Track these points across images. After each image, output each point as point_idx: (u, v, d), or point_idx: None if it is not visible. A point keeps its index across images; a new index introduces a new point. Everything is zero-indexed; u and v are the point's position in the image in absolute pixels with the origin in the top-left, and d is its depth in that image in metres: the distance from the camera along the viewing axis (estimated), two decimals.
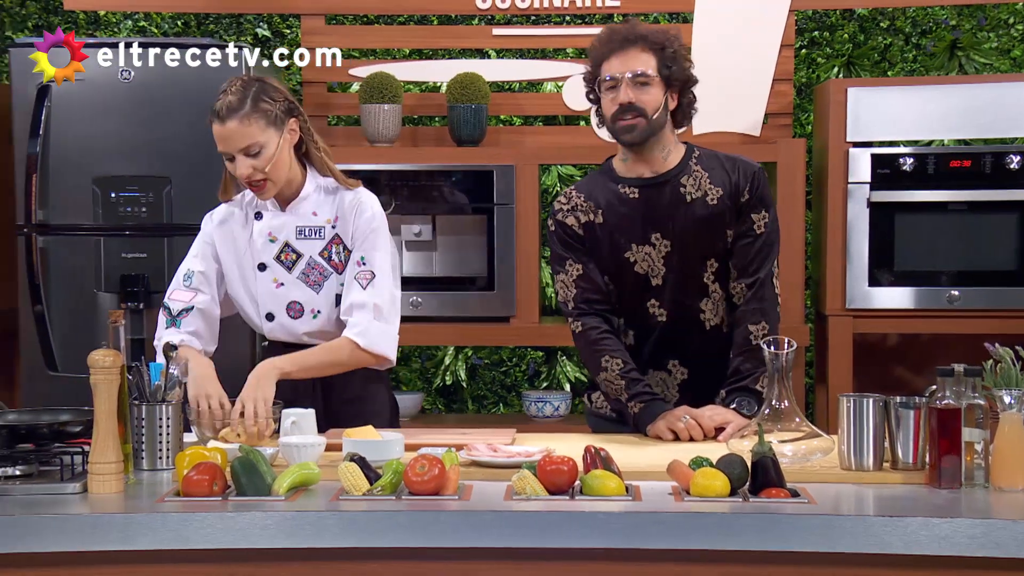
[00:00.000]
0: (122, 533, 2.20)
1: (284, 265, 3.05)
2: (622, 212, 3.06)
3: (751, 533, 2.17)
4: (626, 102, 2.97)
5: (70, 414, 2.62)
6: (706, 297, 3.08)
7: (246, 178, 2.95)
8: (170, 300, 3.08)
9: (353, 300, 2.99)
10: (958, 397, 2.39)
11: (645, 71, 2.97)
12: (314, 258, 3.05)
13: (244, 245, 3.08)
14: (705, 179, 3.07)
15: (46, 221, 4.30)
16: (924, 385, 2.52)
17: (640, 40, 2.98)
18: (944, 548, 2.14)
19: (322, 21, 4.66)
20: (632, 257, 3.06)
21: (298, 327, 3.06)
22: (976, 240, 4.32)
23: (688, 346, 3.09)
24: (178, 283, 3.10)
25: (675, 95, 3.03)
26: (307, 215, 3.05)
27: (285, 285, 3.05)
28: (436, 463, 2.32)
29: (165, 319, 3.07)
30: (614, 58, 2.99)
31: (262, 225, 3.07)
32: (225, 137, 2.93)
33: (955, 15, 4.98)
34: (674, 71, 2.99)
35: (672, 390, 3.10)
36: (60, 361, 4.28)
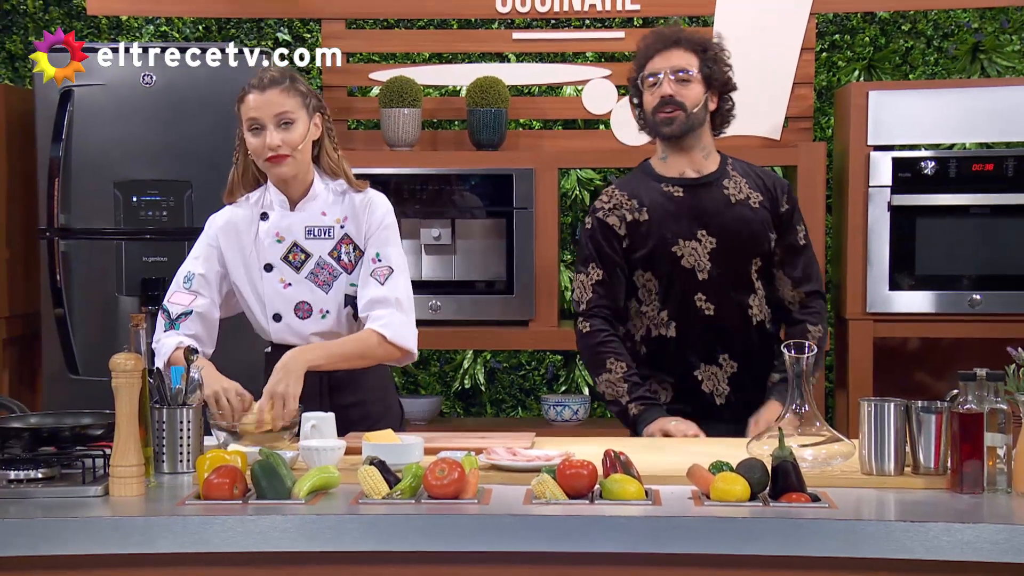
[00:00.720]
0: (143, 536, 2.21)
1: (292, 265, 3.03)
2: (668, 209, 3.17)
3: (771, 538, 2.16)
4: (667, 95, 3.12)
5: (91, 417, 2.63)
6: (752, 293, 3.19)
7: (274, 148, 2.93)
8: (169, 303, 3.05)
9: (373, 296, 2.99)
10: (980, 401, 2.38)
11: (687, 68, 3.13)
12: (323, 258, 3.04)
13: (250, 246, 3.06)
14: (744, 184, 3.21)
15: (68, 225, 4.32)
16: (945, 389, 2.51)
17: (683, 41, 3.16)
18: (967, 554, 2.12)
19: (342, 25, 4.67)
20: (679, 251, 3.15)
21: (306, 328, 3.05)
22: (998, 244, 4.29)
23: (736, 340, 3.18)
24: (178, 285, 3.07)
25: (715, 97, 3.18)
26: (316, 215, 3.04)
27: (293, 285, 3.03)
28: (456, 467, 2.32)
29: (164, 322, 3.04)
30: (657, 57, 3.16)
31: (268, 225, 3.05)
32: (262, 104, 2.92)
33: (977, 18, 4.96)
34: (714, 71, 3.15)
35: (723, 383, 3.18)
36: (82, 364, 4.31)
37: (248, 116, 2.95)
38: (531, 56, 4.85)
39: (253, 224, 3.06)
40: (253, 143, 2.96)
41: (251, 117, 2.94)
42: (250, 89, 2.96)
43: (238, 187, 3.10)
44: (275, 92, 2.93)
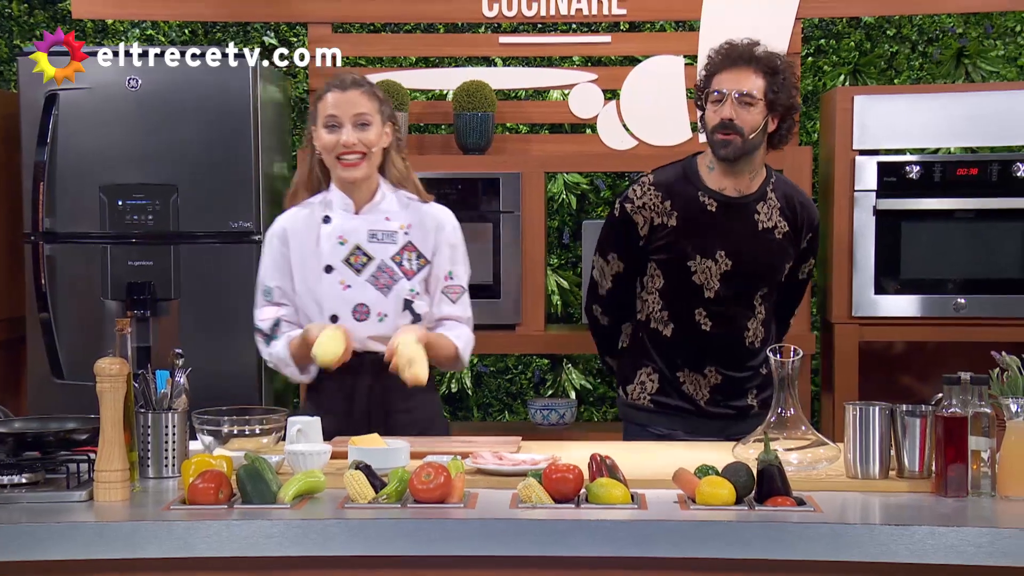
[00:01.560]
0: (128, 541, 2.20)
1: (353, 267, 3.05)
2: (697, 223, 3.18)
3: (757, 542, 2.17)
4: (728, 118, 3.11)
5: (76, 422, 2.62)
6: (752, 317, 3.23)
7: (350, 146, 2.99)
8: (259, 321, 3.12)
9: (447, 313, 3.12)
10: (964, 405, 2.39)
11: (751, 91, 3.11)
12: (385, 262, 3.07)
13: (310, 248, 3.08)
14: (777, 210, 3.23)
15: (53, 229, 4.31)
16: (930, 393, 2.52)
17: (753, 61, 3.13)
18: (951, 557, 2.13)
19: (329, 29, 4.67)
20: (694, 267, 3.18)
21: (363, 329, 3.05)
22: (982, 248, 4.31)
23: (727, 357, 3.23)
24: (259, 301, 3.14)
25: (776, 119, 3.16)
26: (380, 220, 3.08)
27: (352, 287, 3.05)
28: (442, 471, 2.32)
29: (263, 340, 3.11)
30: (726, 73, 3.14)
31: (331, 228, 3.08)
32: (343, 102, 2.99)
33: (962, 23, 4.98)
34: (780, 97, 3.13)
35: (704, 390, 3.24)
36: (67, 369, 4.29)
37: (327, 113, 3.01)
38: (518, 60, 4.86)
39: (314, 227, 3.09)
40: (328, 139, 3.01)
41: (330, 114, 3.00)
42: (331, 88, 3.03)
43: (302, 189, 3.14)
44: (356, 93, 3.02)
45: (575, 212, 5.03)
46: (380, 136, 3.04)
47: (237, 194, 4.30)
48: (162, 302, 4.27)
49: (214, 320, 4.30)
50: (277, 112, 4.65)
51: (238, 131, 4.28)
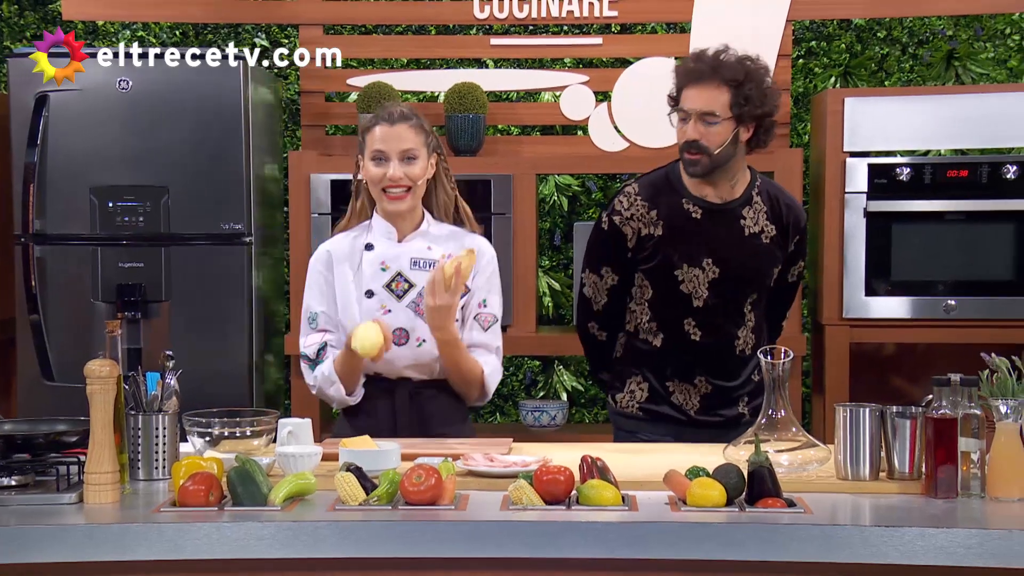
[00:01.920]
0: (118, 543, 2.20)
1: (394, 294, 3.08)
2: (682, 231, 3.14)
3: (748, 543, 2.17)
4: (691, 139, 3.06)
5: (66, 424, 2.62)
6: (743, 325, 3.19)
7: (396, 180, 3.02)
8: (305, 348, 3.11)
9: (476, 340, 3.11)
10: (954, 407, 2.40)
11: (713, 110, 3.04)
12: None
13: (351, 275, 3.10)
14: (763, 214, 3.18)
15: (43, 231, 4.30)
16: (921, 395, 2.53)
17: (717, 75, 3.04)
18: (940, 558, 2.14)
19: (320, 31, 4.67)
20: (681, 276, 3.14)
21: (401, 354, 3.05)
22: (973, 250, 4.32)
23: (717, 366, 3.19)
24: (305, 329, 3.13)
25: (749, 128, 3.09)
26: (422, 248, 3.11)
27: (392, 312, 3.07)
28: (432, 473, 2.32)
29: (308, 365, 3.10)
30: (691, 89, 3.07)
31: (374, 255, 3.10)
32: (391, 137, 3.03)
33: (952, 26, 4.99)
34: (747, 109, 3.05)
35: (694, 399, 3.20)
36: (57, 371, 4.28)
37: (374, 148, 3.04)
38: (509, 62, 4.86)
39: (357, 253, 3.11)
40: (374, 172, 3.04)
41: (377, 149, 3.03)
42: (379, 121, 3.06)
43: (354, 217, 3.17)
44: (404, 127, 3.04)
45: (566, 214, 5.04)
46: (425, 169, 3.07)
47: (228, 196, 4.29)
48: (153, 304, 4.27)
49: (205, 322, 4.30)
50: (268, 114, 4.64)
51: (229, 133, 4.28)
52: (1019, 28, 4.96)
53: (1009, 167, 4.28)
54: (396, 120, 3.04)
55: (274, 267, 4.70)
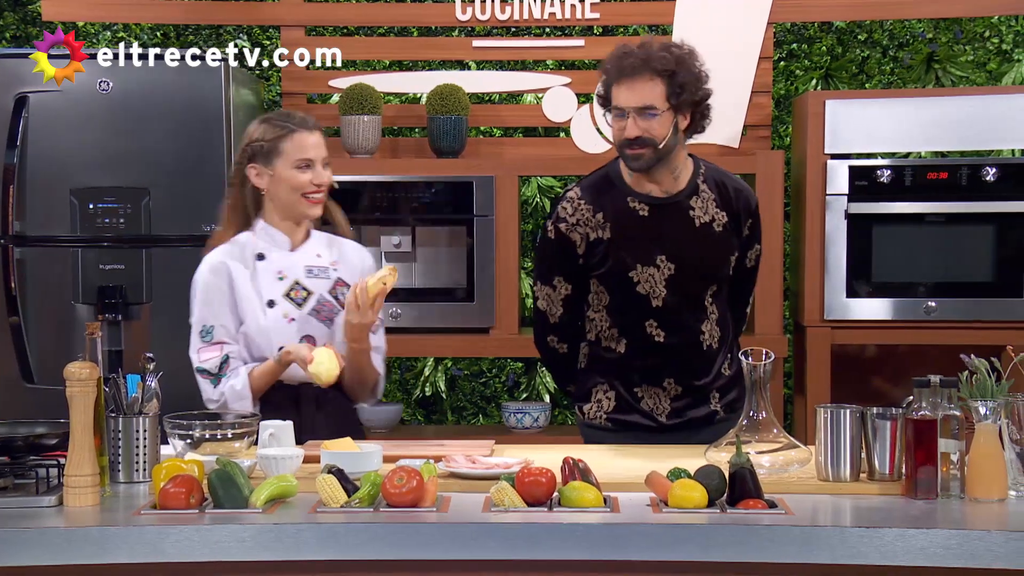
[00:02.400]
0: (98, 546, 2.19)
1: (294, 302, 3.12)
2: (631, 231, 3.07)
3: (729, 544, 2.18)
4: (634, 136, 2.97)
5: (46, 427, 2.60)
6: (705, 319, 3.11)
7: (322, 186, 3.10)
8: (202, 363, 3.09)
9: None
10: (934, 408, 2.41)
11: (652, 104, 2.96)
12: (324, 295, 3.14)
13: (247, 284, 3.10)
14: (712, 202, 3.10)
15: (23, 232, 4.28)
16: (902, 396, 2.53)
17: (648, 68, 2.96)
18: (920, 559, 2.15)
19: (302, 32, 4.66)
20: (636, 277, 3.07)
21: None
22: (953, 252, 4.34)
23: (684, 365, 3.12)
24: (197, 341, 3.11)
25: (687, 115, 3.02)
26: (312, 256, 3.17)
27: (296, 320, 3.11)
28: (414, 475, 2.32)
29: (209, 381, 3.08)
30: (623, 86, 2.98)
31: (267, 264, 3.13)
32: (315, 144, 3.12)
33: (932, 28, 5.02)
34: (684, 97, 2.98)
35: (664, 403, 3.13)
36: (37, 373, 4.26)
37: (301, 155, 3.09)
38: (491, 64, 4.86)
39: (249, 263, 3.12)
40: (301, 179, 3.09)
41: (303, 157, 3.09)
42: (299, 127, 3.12)
43: (230, 223, 3.17)
44: (319, 135, 3.14)
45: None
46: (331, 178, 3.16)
47: (209, 197, 4.26)
48: (133, 306, 4.25)
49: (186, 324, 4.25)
50: (249, 115, 4.62)
51: (210, 134, 4.27)
52: (998, 31, 4.98)
53: (989, 169, 4.30)
54: (314, 127, 3.14)
55: None
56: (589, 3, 4.58)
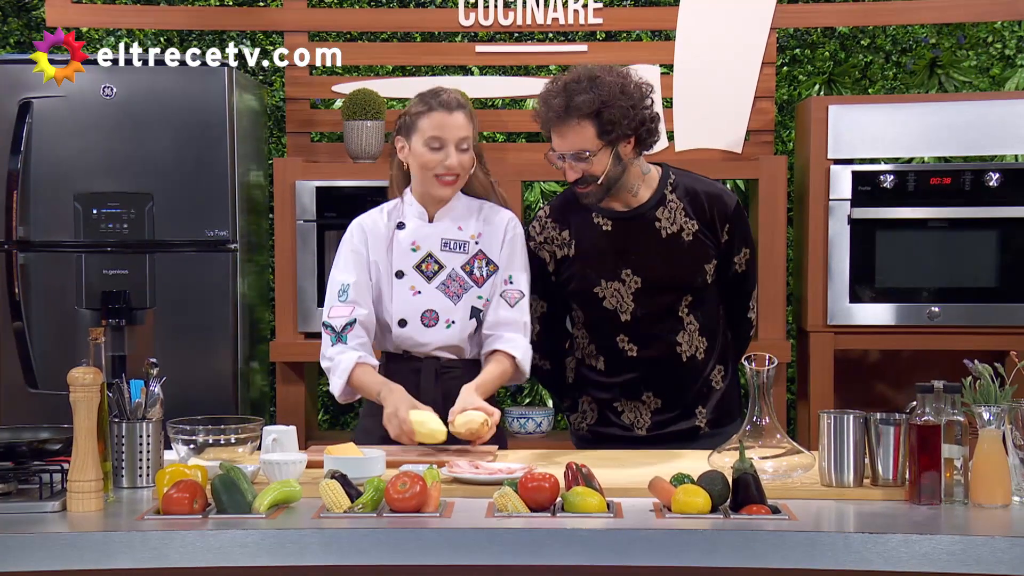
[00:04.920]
0: (101, 552, 2.19)
1: (424, 275, 3.09)
2: (595, 245, 3.07)
3: (732, 550, 2.18)
4: (573, 179, 2.99)
5: (50, 432, 2.61)
6: (682, 330, 3.09)
7: (452, 169, 3.04)
8: (330, 318, 3.08)
9: (502, 317, 3.08)
10: (938, 414, 2.40)
11: (584, 148, 2.95)
12: (456, 270, 3.10)
13: (385, 252, 3.10)
14: (680, 211, 3.06)
15: (27, 237, 4.28)
16: (905, 401, 2.53)
17: (574, 112, 2.92)
18: (924, 565, 2.14)
19: (305, 38, 4.66)
20: (601, 292, 3.07)
21: (429, 336, 3.08)
22: (956, 257, 4.34)
23: (662, 379, 3.10)
24: (333, 299, 3.10)
25: (628, 141, 2.98)
26: (453, 228, 3.12)
27: (423, 293, 3.08)
28: (418, 480, 2.32)
29: (330, 337, 3.07)
30: (555, 132, 3.00)
31: (405, 234, 3.11)
32: (450, 124, 3.03)
33: (935, 34, 5.02)
34: (617, 131, 2.93)
35: (644, 416, 3.12)
36: (40, 378, 4.26)
37: (432, 134, 3.04)
38: (494, 69, 4.86)
39: (389, 231, 3.12)
40: (430, 158, 3.04)
41: (435, 135, 3.03)
42: (437, 107, 3.05)
43: (392, 191, 3.19)
44: (461, 115, 3.07)
45: None
46: (473, 159, 3.10)
47: (213, 203, 4.29)
48: (137, 311, 4.25)
49: (189, 329, 4.29)
50: (253, 120, 4.64)
51: (214, 139, 4.27)
52: (1001, 36, 4.98)
53: (992, 175, 4.30)
54: (454, 108, 3.05)
55: (259, 274, 4.70)
56: (592, 8, 4.58)
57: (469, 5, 4.59)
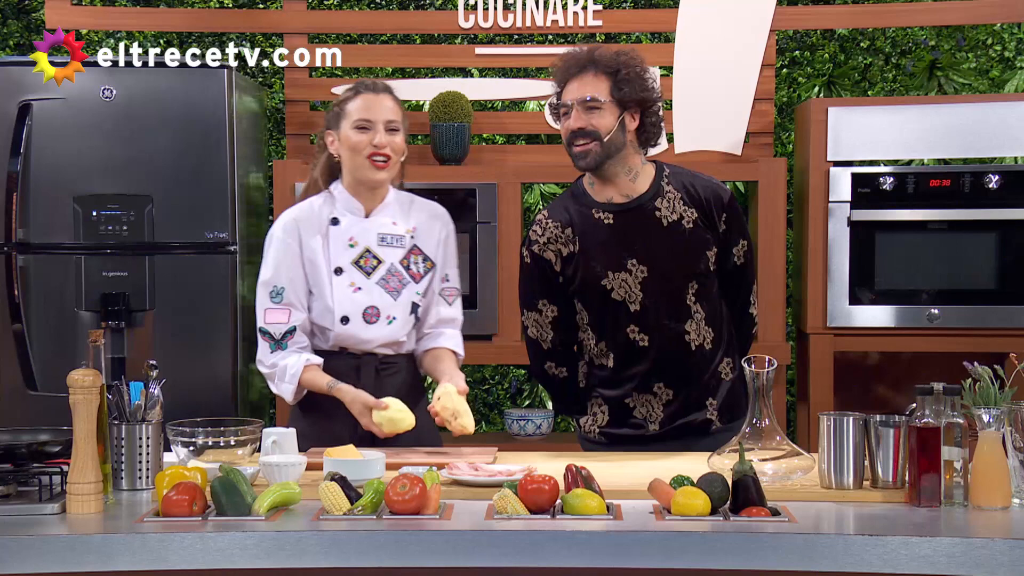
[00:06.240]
0: (101, 554, 2.18)
1: (363, 271, 3.09)
2: (598, 239, 3.07)
3: (732, 552, 2.17)
4: (576, 128, 3.01)
5: (49, 434, 2.60)
6: (689, 319, 3.09)
7: (381, 147, 3.04)
8: (267, 324, 3.07)
9: (443, 315, 3.19)
10: (937, 416, 2.40)
11: (595, 96, 2.99)
12: (395, 265, 3.11)
13: (318, 248, 3.08)
14: (679, 200, 3.08)
15: (26, 240, 4.28)
16: (905, 403, 2.53)
17: (591, 65, 3.02)
18: (924, 567, 2.14)
19: (305, 40, 4.66)
20: (609, 284, 3.07)
21: (371, 333, 3.08)
22: (955, 259, 4.34)
23: (673, 368, 3.10)
24: (266, 301, 3.08)
25: (635, 115, 3.03)
26: (388, 224, 3.13)
27: (363, 289, 3.08)
28: (417, 482, 2.32)
29: (268, 344, 3.06)
30: (569, 84, 3.04)
31: (340, 230, 3.10)
32: (377, 106, 3.06)
33: (934, 36, 5.02)
34: (626, 93, 3.00)
35: (657, 410, 3.12)
36: (40, 380, 4.26)
37: (360, 116, 3.05)
38: (494, 71, 4.87)
39: (322, 227, 3.10)
40: (358, 139, 3.04)
41: (363, 117, 3.05)
42: (362, 90, 3.09)
43: (314, 186, 3.17)
44: (387, 98, 3.09)
45: None
46: (403, 145, 3.11)
47: (212, 205, 4.29)
48: (137, 313, 4.26)
49: (189, 331, 4.29)
50: (252, 122, 4.64)
51: (213, 141, 4.27)
52: (1000, 39, 4.99)
53: (991, 176, 4.30)
54: (381, 90, 3.10)
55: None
56: (592, 11, 4.58)
57: (469, 7, 4.59)
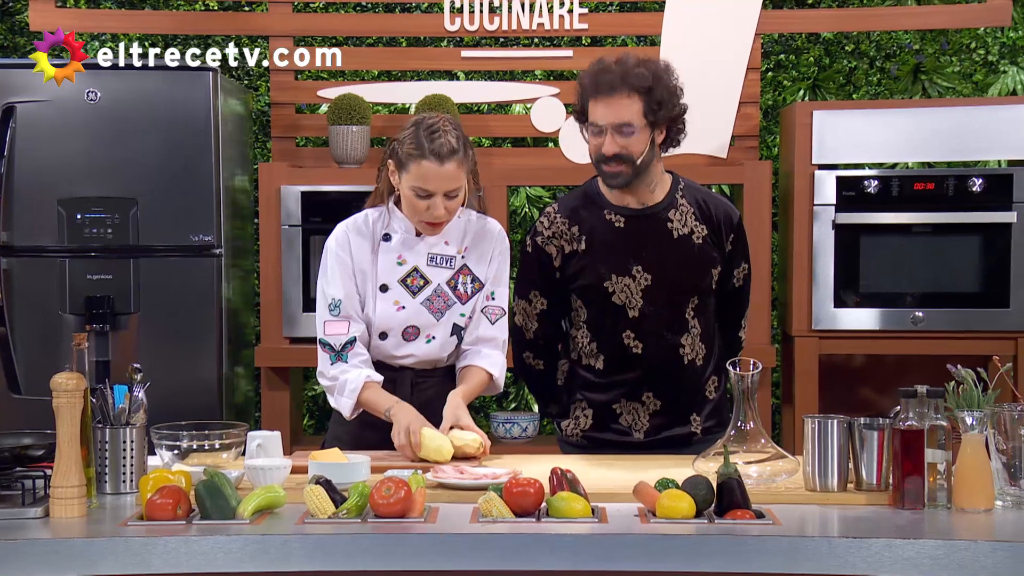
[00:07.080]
0: (84, 558, 2.18)
1: (409, 289, 3.05)
2: (606, 240, 3.06)
3: (716, 555, 2.18)
4: (612, 154, 2.97)
5: (32, 437, 2.60)
6: (686, 332, 3.08)
7: (438, 219, 2.97)
8: (327, 336, 3.02)
9: (483, 334, 3.10)
10: (921, 418, 2.41)
11: (630, 121, 2.95)
12: (442, 286, 3.07)
13: (368, 262, 3.06)
14: (691, 215, 3.08)
15: (10, 243, 4.27)
16: (890, 406, 2.54)
17: (626, 84, 2.94)
18: (907, 569, 2.15)
19: (290, 42, 4.66)
20: (611, 287, 3.05)
21: (408, 349, 3.06)
22: (940, 262, 4.36)
23: (663, 380, 3.08)
24: (324, 313, 3.04)
25: (663, 130, 3.02)
26: (439, 243, 3.07)
27: (406, 308, 3.05)
28: (402, 486, 2.32)
29: (329, 356, 3.02)
30: (600, 103, 2.96)
31: (391, 246, 3.07)
32: (439, 177, 2.93)
33: (918, 39, 5.04)
34: (661, 114, 2.97)
35: (643, 419, 3.10)
36: (23, 384, 4.25)
37: (419, 184, 2.94)
38: (480, 74, 4.87)
39: (373, 241, 3.07)
40: (417, 204, 2.96)
41: (422, 187, 2.94)
42: (429, 155, 2.92)
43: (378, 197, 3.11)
44: (452, 166, 2.93)
45: None
46: (464, 196, 3.02)
47: (197, 207, 4.28)
48: (121, 316, 4.24)
49: (174, 334, 4.27)
50: (238, 125, 4.63)
51: (198, 144, 4.27)
52: (984, 43, 5.01)
53: (975, 180, 4.32)
54: (446, 158, 2.92)
55: (244, 279, 4.69)
56: (577, 14, 4.59)
57: (455, 10, 4.59)
